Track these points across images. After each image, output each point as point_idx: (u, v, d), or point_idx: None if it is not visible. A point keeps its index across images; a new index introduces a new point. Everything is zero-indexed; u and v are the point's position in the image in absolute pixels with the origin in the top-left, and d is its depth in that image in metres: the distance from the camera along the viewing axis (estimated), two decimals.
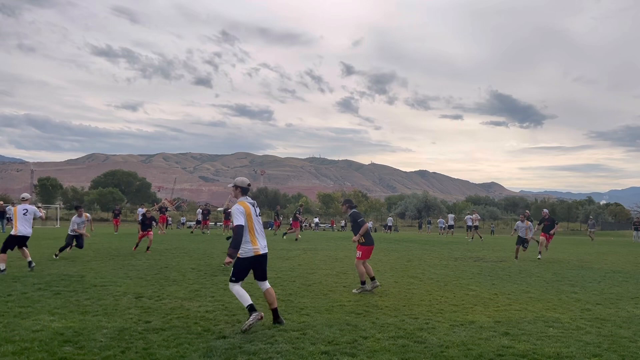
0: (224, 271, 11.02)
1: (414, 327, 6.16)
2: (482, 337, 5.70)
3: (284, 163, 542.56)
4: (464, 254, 17.39)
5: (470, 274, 11.69)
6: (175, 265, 12.03)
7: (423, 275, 11.25)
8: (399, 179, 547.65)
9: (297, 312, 6.93)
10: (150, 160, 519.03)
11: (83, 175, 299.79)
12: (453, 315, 6.91)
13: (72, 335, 5.39)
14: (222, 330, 5.79)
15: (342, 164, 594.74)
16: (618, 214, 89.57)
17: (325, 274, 11.11)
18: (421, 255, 16.69)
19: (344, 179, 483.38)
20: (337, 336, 5.62)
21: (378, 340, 5.47)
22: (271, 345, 5.19)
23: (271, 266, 12.15)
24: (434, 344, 5.37)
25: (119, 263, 12.11)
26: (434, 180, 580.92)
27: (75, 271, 10.46)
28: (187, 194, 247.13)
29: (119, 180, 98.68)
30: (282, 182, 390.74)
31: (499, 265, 13.90)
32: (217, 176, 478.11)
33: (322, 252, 16.61)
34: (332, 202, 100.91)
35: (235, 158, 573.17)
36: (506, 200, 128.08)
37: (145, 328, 5.81)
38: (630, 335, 5.97)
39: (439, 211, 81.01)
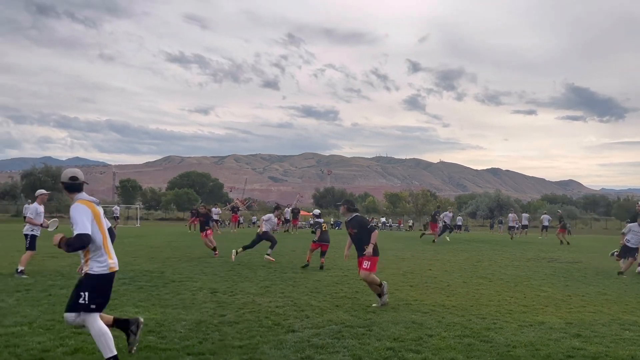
0: (292, 269, 11.36)
1: (480, 326, 6.15)
2: (552, 338, 5.61)
3: (350, 162, 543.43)
4: (537, 255, 16.82)
5: (543, 275, 11.36)
6: (247, 262, 12.52)
7: (493, 276, 11.07)
8: (469, 178, 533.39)
9: (364, 309, 7.09)
10: (222, 161, 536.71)
11: (160, 177, 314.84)
12: (522, 316, 6.82)
13: (155, 326, 5.84)
14: (292, 325, 6.05)
15: (410, 162, 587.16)
16: None
17: (392, 273, 11.18)
18: (491, 255, 16.34)
19: (411, 178, 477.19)
20: (402, 333, 5.73)
21: (443, 339, 5.53)
22: (338, 340, 5.39)
23: (338, 264, 12.40)
24: (501, 344, 5.36)
25: (195, 260, 12.78)
26: (506, 179, 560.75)
27: (156, 268, 11.16)
28: (257, 194, 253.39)
29: (194, 181, 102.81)
30: (349, 182, 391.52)
31: (574, 266, 13.37)
32: (285, 176, 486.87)
33: (389, 252, 16.63)
34: (400, 202, 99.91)
35: (302, 158, 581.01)
36: (585, 199, 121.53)
37: (220, 321, 6.18)
38: None
39: (513, 210, 78.11)
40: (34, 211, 9.95)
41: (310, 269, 11.54)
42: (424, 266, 12.65)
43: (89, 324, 4.31)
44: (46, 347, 4.89)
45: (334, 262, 12.93)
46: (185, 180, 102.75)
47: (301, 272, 10.81)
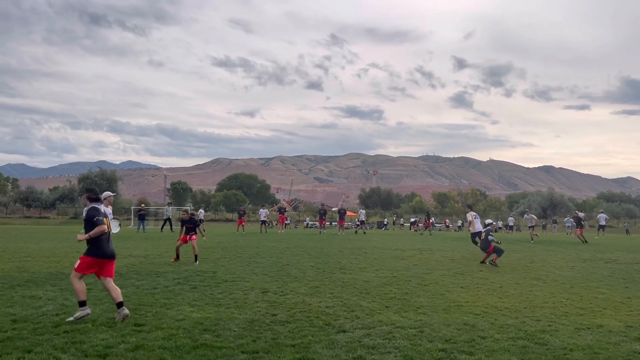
0: (341, 269, 11.43)
1: (535, 329, 6.02)
2: (611, 342, 5.43)
3: (396, 162, 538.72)
4: (594, 255, 16.22)
5: (600, 276, 10.96)
6: (296, 263, 12.68)
7: (547, 277, 10.77)
8: (520, 176, 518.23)
9: (414, 310, 7.07)
10: (269, 163, 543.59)
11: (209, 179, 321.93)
12: (579, 319, 6.62)
13: (210, 325, 6.03)
14: (342, 325, 6.11)
15: (458, 161, 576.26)
16: None
17: (442, 274, 11.07)
18: (545, 256, 15.88)
19: (460, 177, 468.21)
20: (454, 335, 5.68)
21: (497, 341, 5.46)
22: (389, 341, 5.41)
23: (386, 265, 12.38)
24: (557, 347, 5.23)
25: (245, 260, 13.05)
26: (560, 177, 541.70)
27: (208, 268, 11.47)
28: (303, 194, 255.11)
29: (241, 182, 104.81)
30: (395, 182, 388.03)
31: (634, 267, 12.82)
32: (330, 177, 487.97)
33: (438, 253, 16.46)
34: (448, 201, 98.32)
35: (347, 159, 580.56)
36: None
37: (272, 320, 6.32)
38: None
39: (566, 209, 75.45)
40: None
41: (357, 269, 11.57)
42: (474, 267, 12.45)
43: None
44: (109, 344, 5.14)
45: (383, 264, 12.92)
46: (233, 182, 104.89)
47: (350, 273, 10.86)
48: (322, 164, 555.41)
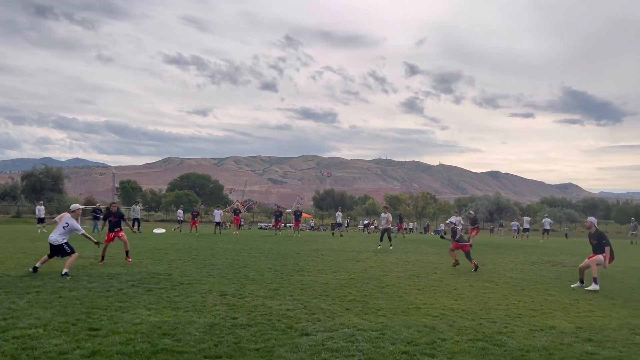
0: (299, 272, 11.40)
1: (492, 330, 6.19)
2: (564, 343, 5.65)
3: (350, 165, 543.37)
4: (541, 258, 16.87)
5: (548, 279, 11.40)
6: (253, 264, 12.55)
7: (499, 279, 11.10)
8: (469, 180, 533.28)
9: (374, 313, 7.12)
10: (222, 163, 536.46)
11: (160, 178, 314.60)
12: (532, 320, 6.86)
13: (169, 329, 5.87)
14: (305, 328, 6.08)
15: (409, 165, 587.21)
16: None
17: (398, 276, 11.22)
18: (495, 259, 16.38)
19: (411, 181, 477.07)
20: (415, 337, 5.76)
21: (457, 343, 5.57)
22: (352, 344, 5.42)
23: (344, 267, 12.44)
24: (514, 348, 5.40)
25: (201, 262, 12.80)
26: (506, 182, 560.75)
27: (162, 270, 11.18)
28: (257, 195, 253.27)
29: (194, 182, 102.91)
30: (349, 184, 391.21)
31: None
32: (285, 178, 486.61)
33: (393, 255, 16.69)
34: (400, 204, 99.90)
35: (302, 160, 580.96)
36: (584, 202, 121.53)
37: (233, 324, 6.22)
38: None
39: (512, 213, 78.18)
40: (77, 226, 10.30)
41: (316, 271, 11.57)
42: (429, 269, 12.69)
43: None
44: (63, 350, 4.92)
45: (340, 265, 12.97)
46: (185, 181, 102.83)
47: (308, 275, 10.84)
48: (277, 165, 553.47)
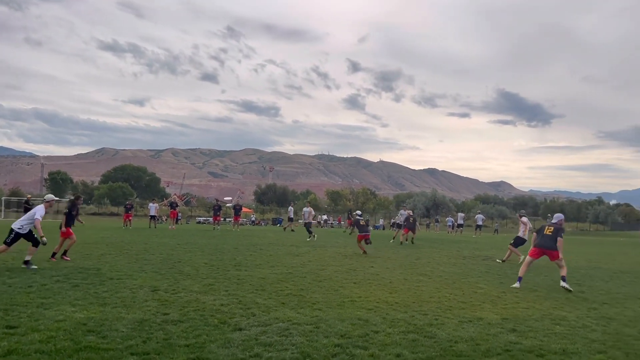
0: (236, 266, 11.24)
1: (423, 322, 6.33)
2: (490, 333, 5.86)
3: (292, 160, 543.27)
4: (472, 253, 17.52)
5: (479, 272, 11.84)
6: (188, 260, 12.26)
7: (432, 273, 11.41)
8: (407, 177, 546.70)
9: (310, 306, 7.12)
10: (160, 155, 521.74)
11: (93, 170, 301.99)
12: (462, 312, 7.08)
13: (95, 326, 5.61)
14: (238, 323, 5.98)
15: (351, 161, 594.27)
16: (628, 215, 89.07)
17: (335, 270, 11.30)
18: (430, 253, 16.84)
19: (352, 176, 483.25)
20: (349, 330, 5.80)
21: (389, 335, 5.65)
22: (286, 338, 5.39)
23: (282, 262, 12.39)
24: (444, 339, 5.54)
25: (133, 257, 12.36)
26: (442, 179, 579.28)
27: (91, 264, 10.71)
28: (196, 189, 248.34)
29: (129, 175, 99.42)
30: (291, 179, 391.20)
31: (507, 264, 14.02)
32: (225, 172, 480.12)
33: (332, 249, 16.80)
34: (341, 199, 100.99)
35: (243, 154, 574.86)
36: (515, 200, 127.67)
37: (163, 320, 6.02)
38: (635, 333, 6.11)
39: (447, 210, 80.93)
40: (41, 215, 10.16)
41: (253, 266, 11.46)
42: (366, 263, 12.86)
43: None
44: None
45: (278, 260, 12.91)
46: (119, 173, 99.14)
47: (245, 270, 10.71)
48: (217, 158, 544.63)
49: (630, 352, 5.31)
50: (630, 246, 27.85)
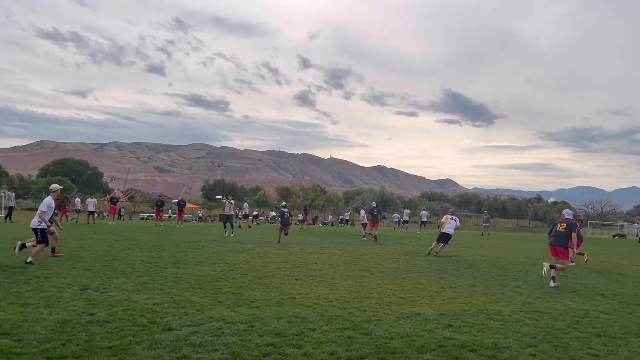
0: (175, 264, 10.88)
1: (361, 319, 6.27)
2: (426, 329, 5.87)
3: (242, 155, 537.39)
4: (416, 248, 17.76)
5: (420, 268, 11.96)
6: (125, 257, 11.77)
7: (374, 269, 11.44)
8: (357, 174, 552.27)
9: (247, 304, 6.92)
10: (103, 149, 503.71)
11: (31, 163, 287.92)
12: (400, 308, 7.07)
13: (11, 328, 5.22)
14: (169, 323, 5.72)
15: (302, 157, 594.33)
16: None
17: (279, 267, 11.13)
18: (374, 249, 16.94)
19: (303, 173, 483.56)
20: (285, 328, 5.66)
21: (325, 332, 5.55)
22: (218, 338, 5.18)
23: (224, 259, 12.11)
24: (379, 336, 5.49)
25: (65, 254, 11.74)
26: (391, 176, 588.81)
27: (18, 262, 10.08)
28: (140, 184, 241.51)
29: (69, 169, 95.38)
30: (241, 175, 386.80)
31: (448, 259, 14.28)
32: (172, 167, 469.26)
33: (277, 246, 16.62)
34: (291, 196, 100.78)
35: (191, 149, 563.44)
36: (460, 197, 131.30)
37: (88, 320, 5.68)
38: (564, 327, 6.28)
39: (394, 206, 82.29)
40: (48, 205, 10.22)
41: (193, 263, 11.12)
42: (310, 260, 12.76)
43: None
44: None
45: (220, 257, 12.61)
46: (59, 167, 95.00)
47: (184, 267, 10.37)
48: (164, 152, 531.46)
49: (559, 345, 5.43)
50: None
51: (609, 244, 31.08)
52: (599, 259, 16.81)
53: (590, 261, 15.36)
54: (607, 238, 46.75)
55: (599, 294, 9.07)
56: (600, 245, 27.22)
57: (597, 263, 15.15)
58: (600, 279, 11.29)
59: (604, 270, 13.23)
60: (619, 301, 8.32)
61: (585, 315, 7.01)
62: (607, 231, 59.01)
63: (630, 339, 5.76)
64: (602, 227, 65.28)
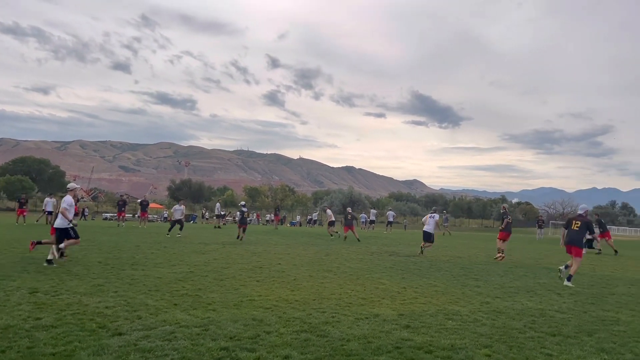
0: (133, 265, 10.59)
1: (319, 320, 6.19)
2: (384, 330, 5.82)
3: (210, 155, 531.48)
4: (380, 248, 17.81)
5: (383, 268, 11.97)
6: (82, 258, 11.40)
7: (338, 269, 11.38)
8: (326, 174, 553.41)
9: (204, 307, 6.76)
10: (66, 147, 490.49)
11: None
12: (360, 309, 7.02)
13: None
14: (120, 327, 5.52)
15: (271, 157, 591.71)
16: (528, 213, 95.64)
17: (240, 268, 10.96)
18: (339, 249, 16.90)
19: (272, 173, 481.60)
20: (240, 331, 5.53)
21: (281, 335, 5.44)
22: (169, 342, 5.02)
23: (185, 260, 11.87)
24: (336, 338, 5.42)
25: (18, 256, 11.31)
26: (359, 177, 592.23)
27: None
28: (105, 184, 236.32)
29: (30, 167, 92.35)
30: (208, 175, 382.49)
31: (411, 259, 14.35)
32: (138, 166, 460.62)
33: (241, 246, 16.41)
34: (259, 196, 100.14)
35: (158, 148, 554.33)
36: (427, 197, 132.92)
37: (33, 325, 5.43)
38: (520, 326, 6.33)
39: (362, 206, 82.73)
40: (70, 204, 10.61)
41: (152, 265, 10.85)
42: (274, 261, 12.63)
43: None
44: None
45: (181, 258, 12.35)
46: (19, 166, 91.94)
47: (142, 269, 10.09)
48: (129, 151, 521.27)
49: (514, 345, 5.46)
50: (527, 242, 29.73)
51: None
52: (557, 258, 17.18)
53: (549, 260, 15.69)
54: None
55: (556, 293, 9.23)
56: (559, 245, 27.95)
57: (556, 262, 15.47)
58: (558, 278, 11.51)
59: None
60: (574, 300, 8.48)
61: (541, 315, 7.10)
62: None
63: (583, 338, 5.84)
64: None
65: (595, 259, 17.41)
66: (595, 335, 5.97)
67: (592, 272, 13.21)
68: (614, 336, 5.98)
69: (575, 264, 10.45)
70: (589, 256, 18.78)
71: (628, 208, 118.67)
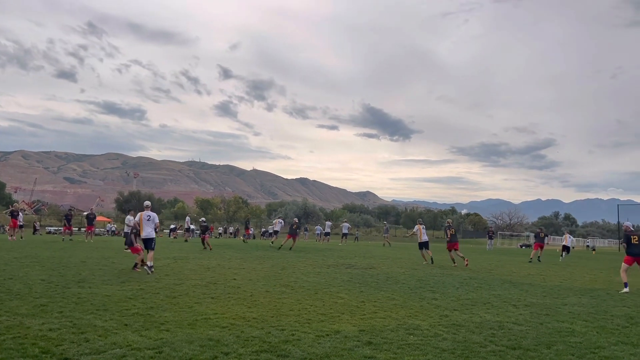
0: (79, 283, 10.03)
1: (279, 339, 5.98)
2: (346, 348, 5.68)
3: (160, 166, 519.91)
4: (337, 261, 17.72)
5: (341, 281, 11.86)
6: (23, 276, 10.72)
7: (295, 284, 11.18)
8: (280, 186, 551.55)
9: (157, 327, 6.41)
10: (7, 157, 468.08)
11: None
12: (320, 325, 6.86)
13: None
14: (66, 351, 5.14)
15: (224, 169, 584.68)
16: (477, 224, 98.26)
17: (194, 284, 10.58)
18: (296, 262, 16.69)
19: (224, 185, 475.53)
20: (196, 353, 5.25)
21: (240, 356, 5.21)
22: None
23: (134, 277, 11.36)
24: (298, 357, 5.23)
25: None
26: (313, 188, 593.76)
27: None
28: (49, 196, 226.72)
29: None
30: (158, 186, 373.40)
31: (368, 272, 14.33)
32: (84, 177, 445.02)
33: (194, 261, 15.93)
34: (211, 208, 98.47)
35: (105, 159, 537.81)
36: (379, 209, 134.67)
37: None
38: (481, 340, 6.33)
39: (317, 218, 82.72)
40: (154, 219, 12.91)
41: (100, 282, 10.32)
42: (228, 276, 12.29)
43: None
44: None
45: (131, 275, 11.83)
46: None
47: (89, 287, 9.57)
48: (75, 162, 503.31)
49: (476, 359, 5.43)
50: (478, 252, 30.43)
51: (517, 253, 32.91)
52: (509, 269, 17.61)
53: (501, 271, 16.03)
54: (515, 248, 49.60)
55: (512, 304, 9.37)
56: (509, 255, 28.72)
57: (507, 273, 15.84)
58: (512, 289, 11.74)
59: (514, 280, 13.81)
60: (530, 311, 8.62)
61: (500, 327, 7.15)
62: (515, 241, 62.70)
63: (542, 351, 5.89)
64: (510, 238, 69.24)
65: (543, 269, 17.94)
66: (553, 348, 6.04)
67: (542, 282, 13.56)
68: (571, 348, 6.06)
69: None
70: (538, 266, 19.34)
71: (570, 219, 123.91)
